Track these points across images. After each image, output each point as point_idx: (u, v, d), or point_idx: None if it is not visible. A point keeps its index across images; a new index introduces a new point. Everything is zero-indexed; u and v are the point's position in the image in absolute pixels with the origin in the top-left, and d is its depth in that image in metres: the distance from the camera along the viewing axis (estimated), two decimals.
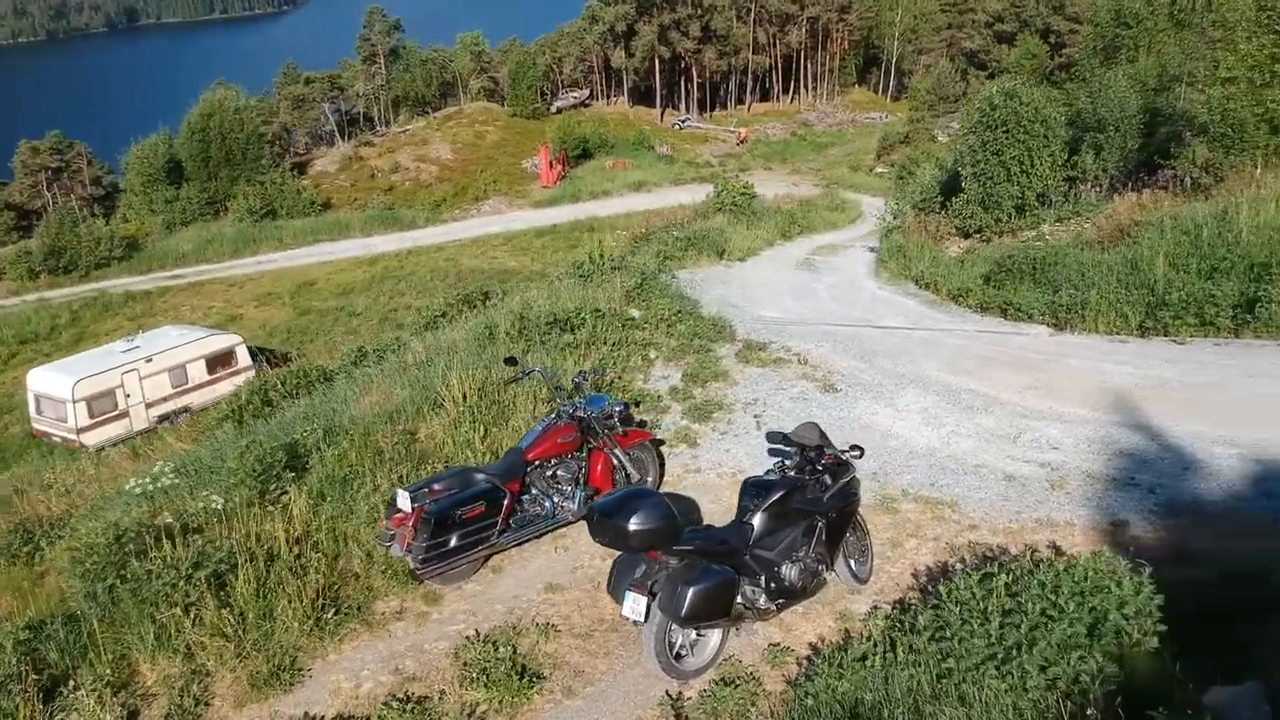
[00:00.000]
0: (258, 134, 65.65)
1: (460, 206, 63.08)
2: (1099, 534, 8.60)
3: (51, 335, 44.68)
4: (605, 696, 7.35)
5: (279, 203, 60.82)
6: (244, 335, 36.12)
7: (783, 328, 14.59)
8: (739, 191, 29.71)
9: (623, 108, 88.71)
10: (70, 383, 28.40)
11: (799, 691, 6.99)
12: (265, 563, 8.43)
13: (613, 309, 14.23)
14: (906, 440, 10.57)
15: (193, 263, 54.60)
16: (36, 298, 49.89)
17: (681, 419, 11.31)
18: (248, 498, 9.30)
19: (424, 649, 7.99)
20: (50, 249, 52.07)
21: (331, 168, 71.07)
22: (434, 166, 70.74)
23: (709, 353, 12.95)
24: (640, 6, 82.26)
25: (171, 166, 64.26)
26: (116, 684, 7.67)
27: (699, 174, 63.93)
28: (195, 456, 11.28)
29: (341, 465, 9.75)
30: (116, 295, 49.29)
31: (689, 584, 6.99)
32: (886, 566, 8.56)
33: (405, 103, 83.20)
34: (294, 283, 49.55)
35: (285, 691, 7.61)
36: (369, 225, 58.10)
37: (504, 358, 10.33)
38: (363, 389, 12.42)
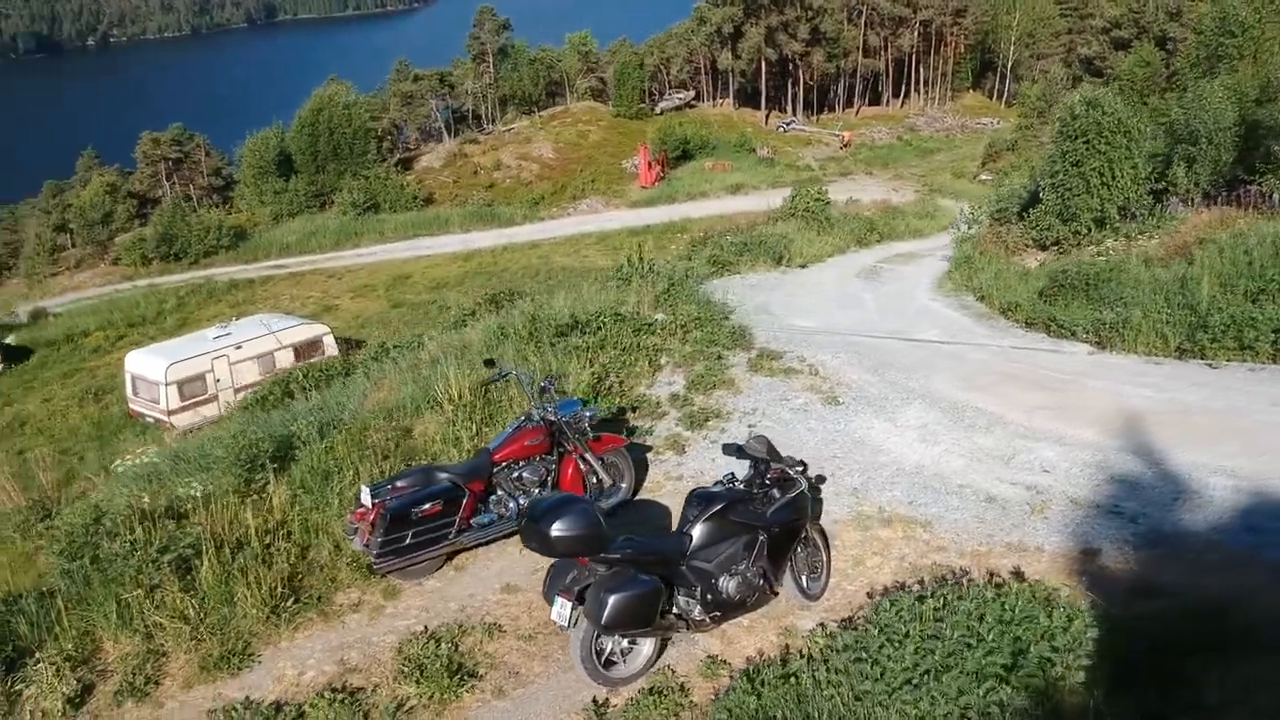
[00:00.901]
0: (365, 129, 67.30)
1: (558, 205, 63.75)
2: (1067, 562, 8.36)
3: (158, 319, 46.51)
4: (533, 699, 7.42)
5: (382, 197, 62.27)
6: (336, 325, 37.20)
7: (808, 337, 14.46)
8: (813, 197, 29.44)
9: (727, 109, 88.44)
10: (164, 366, 29.57)
11: (716, 706, 6.98)
12: (233, 550, 8.71)
13: (636, 313, 14.29)
14: (896, 457, 10.40)
15: (296, 253, 56.30)
16: (147, 283, 52.05)
17: (675, 425, 11.31)
18: (232, 485, 9.63)
19: (371, 642, 8.17)
20: (162, 237, 54.26)
21: (436, 164, 72.45)
22: (535, 165, 71.57)
23: (720, 360, 12.91)
24: (748, 8, 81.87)
25: (282, 159, 66.34)
26: (78, 659, 8.02)
27: (799, 177, 63.36)
28: (195, 444, 11.67)
29: (326, 459, 10.00)
30: (221, 283, 51.13)
31: (611, 591, 7.02)
32: (844, 584, 8.45)
33: (512, 101, 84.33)
34: (390, 276, 50.69)
35: (233, 675, 7.87)
36: (468, 221, 59.13)
37: (483, 359, 10.48)
38: (375, 384, 12.72)
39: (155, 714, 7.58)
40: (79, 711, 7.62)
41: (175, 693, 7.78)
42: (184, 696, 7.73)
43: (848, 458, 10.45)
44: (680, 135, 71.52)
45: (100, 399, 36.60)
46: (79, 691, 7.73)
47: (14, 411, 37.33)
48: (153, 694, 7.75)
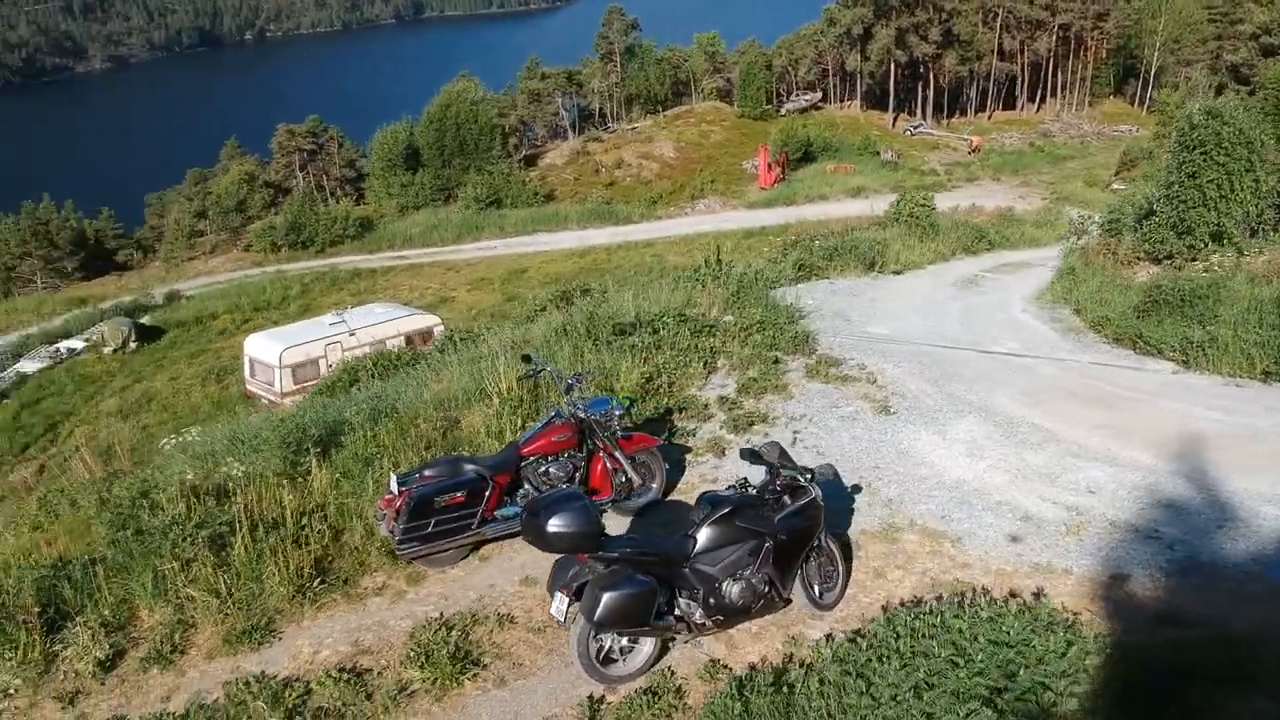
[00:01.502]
0: (491, 125, 68.58)
1: (676, 204, 63.93)
2: (1093, 586, 8.12)
3: (282, 304, 48.18)
4: (532, 691, 7.53)
5: (505, 192, 63.36)
6: (451, 317, 38.04)
7: (876, 345, 14.26)
8: (917, 203, 28.92)
9: (854, 111, 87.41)
10: (279, 350, 30.72)
11: (705, 711, 6.99)
12: (269, 529, 9.04)
13: (702, 314, 14.31)
14: (938, 470, 10.21)
15: (418, 245, 57.69)
16: (275, 269, 53.98)
17: (719, 428, 11.30)
18: (277, 467, 9.99)
19: (387, 625, 8.39)
20: (291, 225, 56.22)
21: (559, 161, 73.43)
22: (655, 164, 71.91)
23: (776, 365, 12.83)
24: (878, 9, 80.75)
25: (410, 153, 68.05)
26: (114, 625, 8.43)
27: (922, 182, 62.26)
28: (250, 426, 12.09)
29: (369, 446, 10.29)
30: (344, 271, 52.72)
31: (606, 589, 7.09)
32: (860, 596, 8.35)
33: (637, 100, 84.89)
34: (507, 270, 51.52)
35: (253, 650, 8.17)
36: (585, 218, 59.76)
37: (521, 354, 10.64)
38: (436, 375, 13.01)
39: (177, 682, 7.92)
40: (108, 674, 8.02)
41: (198, 663, 8.12)
42: (205, 667, 8.07)
43: (888, 468, 10.30)
44: (802, 137, 71.00)
45: (222, 379, 38.16)
46: (111, 656, 8.14)
47: (143, 388, 39.22)
48: (177, 663, 8.11)
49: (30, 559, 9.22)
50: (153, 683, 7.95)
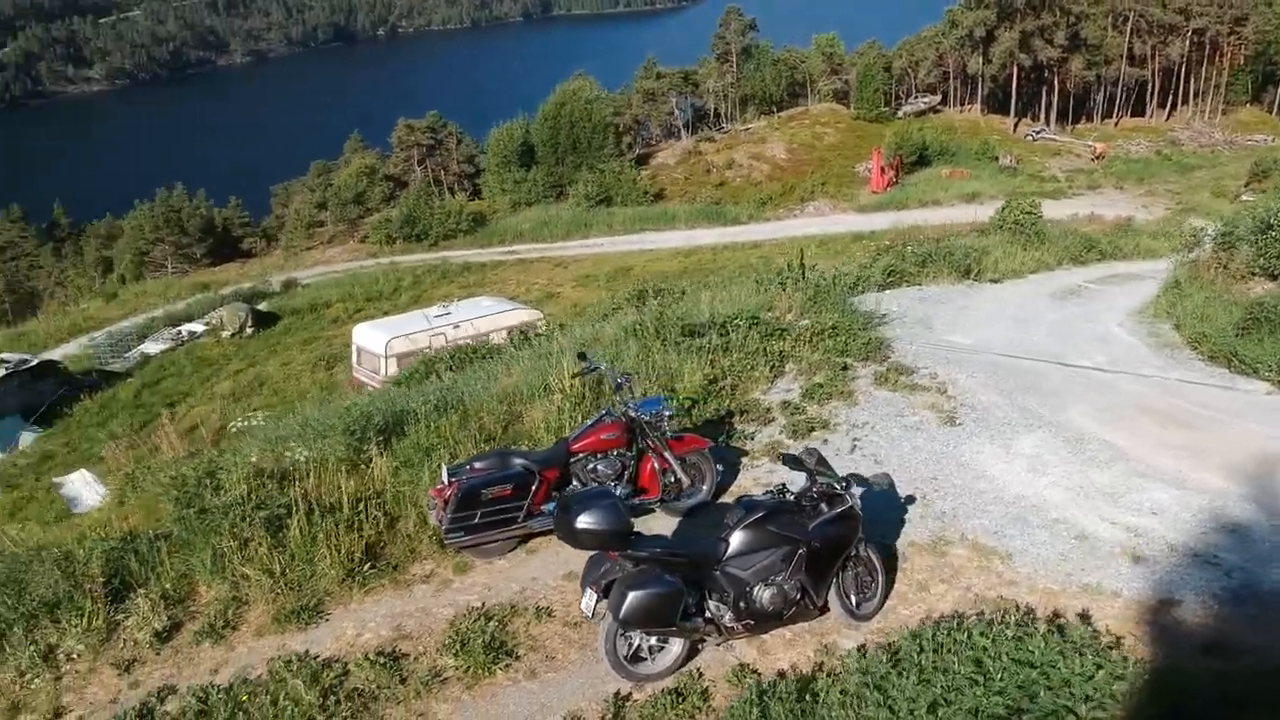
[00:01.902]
0: (604, 124, 69.12)
1: (785, 206, 63.55)
2: (1141, 610, 7.90)
3: (393, 295, 49.37)
4: (561, 684, 7.65)
5: (615, 190, 63.83)
6: (554, 313, 38.49)
7: (954, 355, 14.00)
8: (1023, 210, 28.24)
9: (974, 115, 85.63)
10: (385, 339, 31.52)
11: (726, 715, 7.01)
12: (325, 513, 9.34)
13: (776, 317, 14.26)
14: (997, 484, 10.01)
15: (528, 240, 58.51)
16: (389, 261, 55.35)
17: (779, 433, 11.25)
18: (341, 454, 10.30)
19: (430, 612, 8.60)
20: (406, 218, 57.59)
21: (671, 161, 73.62)
22: (766, 165, 71.59)
23: (845, 371, 12.70)
24: (1002, 12, 78.95)
25: (525, 150, 69.02)
26: (174, 599, 8.83)
27: (1041, 189, 60.73)
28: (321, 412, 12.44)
29: (431, 436, 10.54)
30: (455, 265, 53.77)
31: (632, 588, 7.16)
32: (900, 608, 8.25)
33: (752, 101, 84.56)
34: (613, 267, 51.90)
35: (300, 629, 8.46)
36: (693, 218, 59.82)
37: (577, 352, 10.76)
38: (508, 369, 13.23)
39: (226, 656, 8.25)
40: (164, 645, 8.40)
41: (247, 639, 8.45)
42: (253, 643, 8.39)
43: (946, 480, 10.14)
44: (918, 140, 69.89)
45: (331, 366, 39.30)
46: (168, 627, 8.53)
47: (256, 372, 40.65)
48: (228, 638, 8.45)
49: (103, 532, 9.67)
50: (203, 655, 8.29)
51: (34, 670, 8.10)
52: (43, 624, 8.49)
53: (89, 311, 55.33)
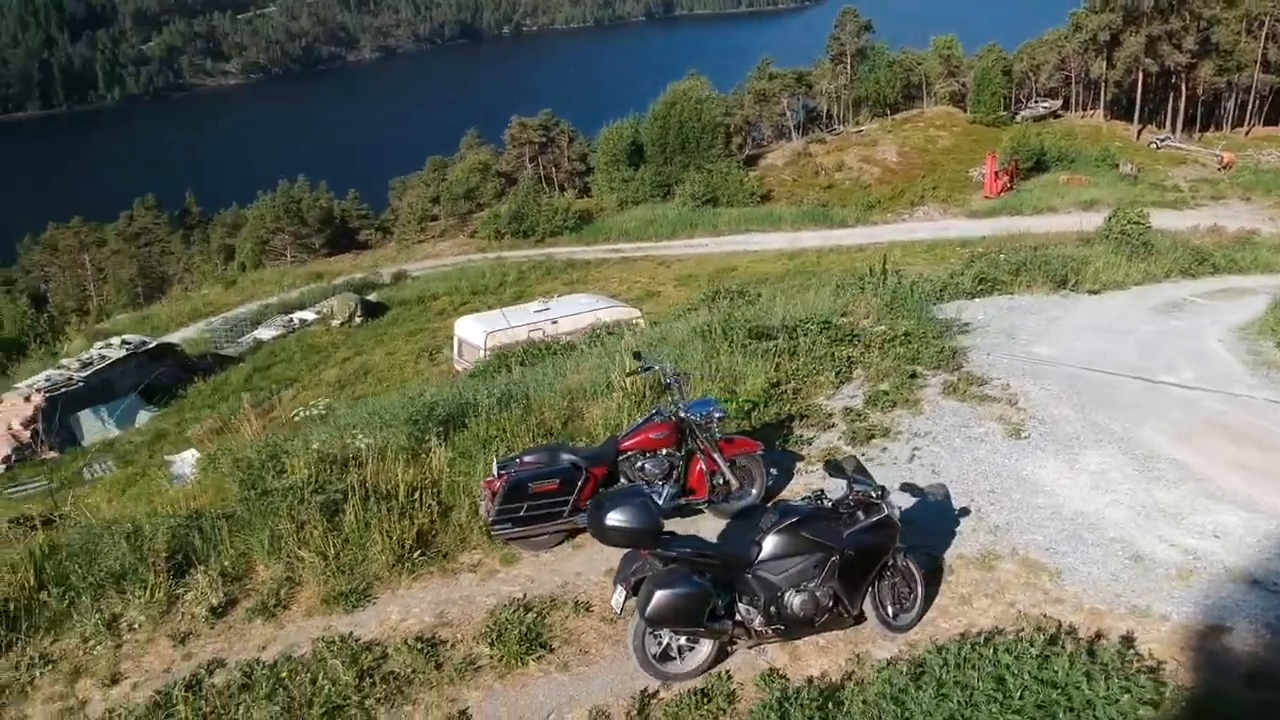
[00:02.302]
0: (714, 124, 69.06)
1: (893, 210, 62.67)
2: (1188, 635, 7.66)
3: (498, 290, 50.04)
4: (591, 679, 7.75)
5: (721, 191, 63.76)
6: (654, 311, 38.65)
7: (1031, 366, 13.67)
8: (1130, 220, 27.33)
9: (1096, 121, 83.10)
10: (484, 332, 32.01)
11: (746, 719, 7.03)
12: (381, 500, 9.61)
13: (851, 322, 14.14)
14: (1056, 500, 9.78)
15: (633, 239, 58.77)
16: (495, 256, 56.20)
17: (838, 439, 11.17)
18: (402, 443, 10.57)
19: (473, 601, 8.78)
20: (514, 214, 58.41)
21: (780, 162, 73.22)
22: (877, 168, 70.69)
23: (913, 379, 12.53)
24: (1128, 15, 76.39)
25: (634, 149, 69.35)
26: (232, 576, 9.19)
27: (1163, 198, 58.74)
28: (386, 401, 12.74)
29: (490, 429, 10.74)
30: (560, 261, 54.30)
31: (659, 587, 7.23)
32: (940, 621, 8.14)
33: (866, 103, 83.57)
34: (716, 267, 51.80)
35: (347, 612, 8.73)
36: (799, 220, 59.38)
37: (632, 352, 10.83)
38: (577, 366, 13.38)
39: (275, 633, 8.56)
40: (218, 620, 8.75)
41: (296, 618, 8.75)
42: (302, 623, 8.68)
43: (1004, 494, 9.95)
44: (1035, 145, 68.16)
45: (434, 357, 40.01)
46: (224, 604, 8.88)
47: (362, 360, 41.66)
48: (278, 616, 8.76)
49: (172, 509, 10.09)
50: (254, 632, 8.61)
51: (97, 637, 8.51)
52: (109, 594, 8.91)
53: (208, 297, 57.49)
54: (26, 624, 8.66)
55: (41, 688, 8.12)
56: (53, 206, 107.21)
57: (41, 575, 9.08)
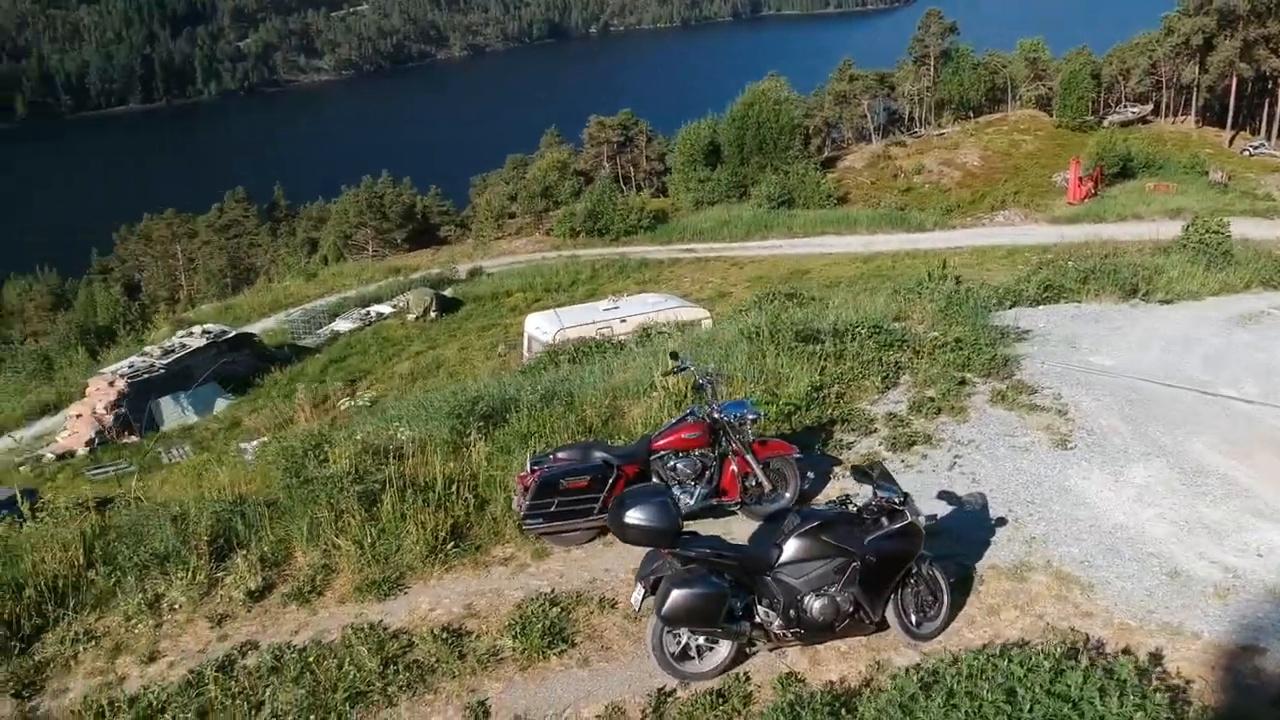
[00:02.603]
0: (791, 125, 68.73)
1: (973, 214, 61.71)
2: (1219, 654, 7.52)
3: (571, 287, 50.33)
4: (610, 674, 7.82)
5: (798, 193, 63.42)
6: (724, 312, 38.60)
7: (1090, 376, 13.38)
8: (1209, 229, 26.58)
9: (1186, 127, 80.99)
10: (554, 329, 32.30)
11: None
12: (418, 492, 9.79)
13: (904, 327, 14.02)
14: (1096, 513, 9.62)
15: (707, 239, 58.67)
16: (570, 254, 56.52)
17: (878, 444, 11.09)
18: (445, 436, 10.75)
19: (501, 594, 8.90)
20: (589, 213, 58.71)
21: (859, 164, 72.61)
22: (957, 171, 69.69)
23: (961, 386, 12.38)
24: (1223, 19, 74.30)
25: (712, 149, 69.29)
26: (272, 561, 9.43)
27: (1253, 207, 56.96)
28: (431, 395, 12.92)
29: (530, 424, 10.87)
30: (633, 261, 54.42)
31: (676, 586, 7.28)
32: (966, 631, 8.07)
33: (949, 105, 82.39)
34: (789, 270, 51.54)
35: (379, 600, 8.91)
36: (875, 223, 58.74)
37: (669, 352, 10.87)
38: (624, 365, 13.45)
39: (308, 619, 8.77)
40: (255, 604, 8.99)
41: (330, 605, 8.95)
42: (335, 609, 8.88)
43: (1043, 505, 9.81)
44: (1122, 151, 66.59)
45: (505, 353, 40.44)
46: (261, 588, 9.12)
47: (435, 354, 42.24)
48: (313, 602, 8.97)
49: (220, 494, 10.38)
50: (289, 617, 8.83)
51: (139, 616, 8.81)
52: (153, 575, 9.21)
53: (289, 289, 58.70)
54: (74, 601, 8.99)
55: (84, 662, 8.43)
56: (149, 198, 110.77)
57: (91, 554, 9.41)
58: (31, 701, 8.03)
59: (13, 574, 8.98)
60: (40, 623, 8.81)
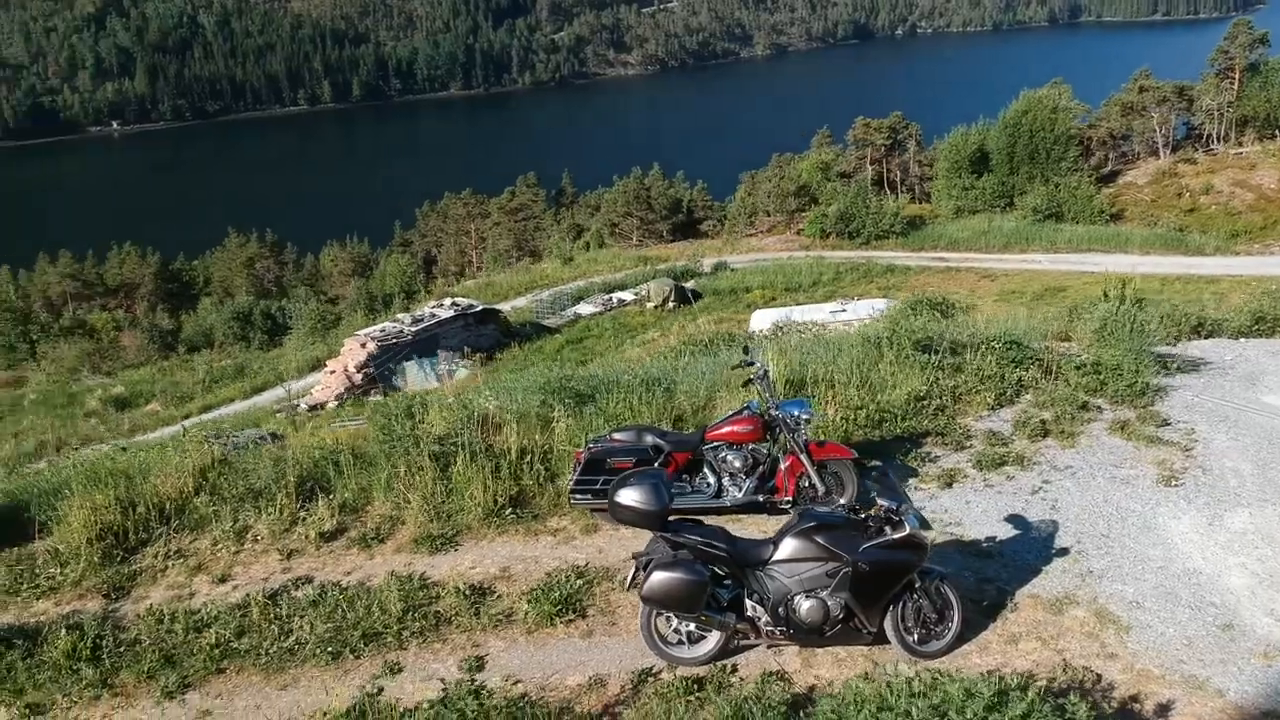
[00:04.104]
0: (1067, 135, 65.32)
1: (1262, 241, 56.61)
2: (1236, 715, 6.95)
3: (811, 288, 50.12)
4: (606, 649, 8.10)
5: (1068, 206, 60.32)
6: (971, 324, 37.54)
7: (1243, 414, 12.15)
8: None
9: None
10: (775, 326, 32.51)
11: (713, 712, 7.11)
12: (490, 458, 10.33)
13: (1048, 345, 13.39)
14: (1172, 555, 8.96)
15: (961, 249, 56.84)
16: (816, 255, 56.21)
17: (964, 462, 10.71)
18: (535, 410, 11.27)
19: (538, 562, 9.32)
20: (841, 215, 58.11)
21: (1141, 180, 68.08)
22: (1250, 194, 64.03)
23: (1082, 410, 11.69)
24: None
25: (979, 157, 66.89)
26: (350, 508, 10.25)
27: None
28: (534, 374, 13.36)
29: (621, 405, 11.23)
30: (879, 266, 53.54)
31: (657, 568, 7.47)
32: (975, 655, 7.80)
33: (1253, 123, 75.62)
34: (1043, 286, 49.18)
35: (430, 554, 9.54)
36: (1149, 244, 55.02)
37: (743, 347, 10.88)
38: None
39: (363, 563, 9.50)
40: (325, 544, 9.81)
41: (387, 552, 9.64)
42: (390, 557, 9.57)
43: (1117, 540, 9.23)
44: None
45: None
46: (333, 531, 9.94)
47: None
48: (373, 549, 9.70)
49: (321, 443, 11.32)
50: (348, 559, 9.60)
51: (224, 543, 9.81)
52: (246, 508, 10.19)
53: (546, 271, 61.34)
54: (177, 523, 10.09)
55: (168, 576, 9.49)
56: (452, 177, 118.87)
57: (201, 484, 10.51)
58: (115, 603, 9.13)
59: (131, 493, 10.17)
60: (144, 537, 9.95)
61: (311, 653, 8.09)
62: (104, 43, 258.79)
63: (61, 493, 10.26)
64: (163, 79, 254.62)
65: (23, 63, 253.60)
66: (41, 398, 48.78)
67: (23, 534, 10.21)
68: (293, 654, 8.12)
